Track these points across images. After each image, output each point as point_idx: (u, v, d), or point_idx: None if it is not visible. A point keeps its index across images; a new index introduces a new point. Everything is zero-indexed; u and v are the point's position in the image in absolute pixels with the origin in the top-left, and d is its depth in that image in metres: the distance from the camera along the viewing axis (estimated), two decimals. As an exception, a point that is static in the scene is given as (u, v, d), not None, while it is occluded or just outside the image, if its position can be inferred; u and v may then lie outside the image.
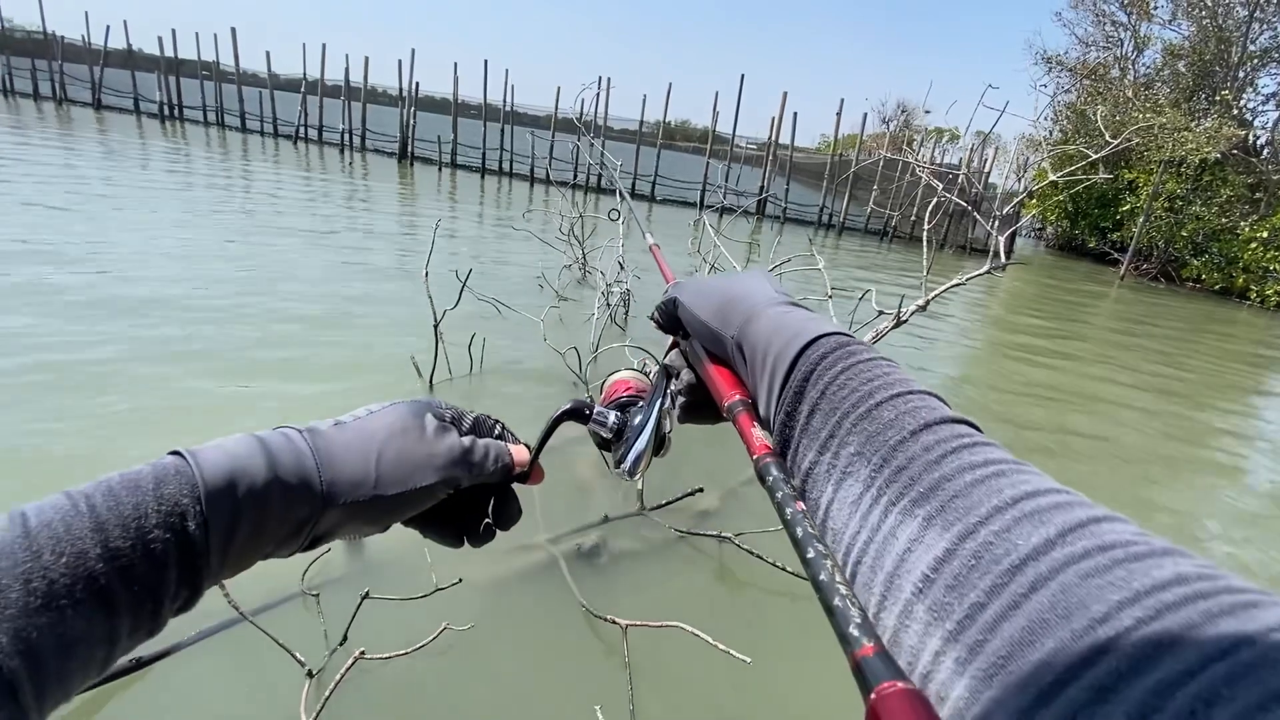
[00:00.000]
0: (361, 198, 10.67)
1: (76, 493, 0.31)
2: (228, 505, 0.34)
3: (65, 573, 0.28)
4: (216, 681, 1.64)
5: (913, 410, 0.31)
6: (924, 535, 0.26)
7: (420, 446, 0.42)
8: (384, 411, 0.43)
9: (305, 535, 0.38)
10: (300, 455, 0.37)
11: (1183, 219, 18.42)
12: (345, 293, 4.89)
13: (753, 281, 0.44)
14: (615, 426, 0.50)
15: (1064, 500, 0.25)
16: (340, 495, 0.38)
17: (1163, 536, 0.23)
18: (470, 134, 19.20)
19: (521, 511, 0.49)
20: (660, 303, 0.49)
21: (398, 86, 19.23)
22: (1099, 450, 4.19)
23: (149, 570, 0.31)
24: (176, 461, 0.34)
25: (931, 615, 0.24)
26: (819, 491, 0.32)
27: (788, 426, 0.35)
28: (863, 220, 19.77)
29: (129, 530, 0.30)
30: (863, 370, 0.34)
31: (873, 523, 0.28)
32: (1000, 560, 0.23)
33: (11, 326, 3.39)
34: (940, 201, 3.47)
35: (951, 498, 0.26)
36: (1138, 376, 6.49)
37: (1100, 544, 0.22)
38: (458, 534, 0.47)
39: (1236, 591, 0.19)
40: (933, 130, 22.95)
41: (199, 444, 0.36)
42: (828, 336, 0.36)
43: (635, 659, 1.79)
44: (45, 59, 22.27)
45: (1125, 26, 23.74)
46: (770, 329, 0.38)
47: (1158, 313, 12.34)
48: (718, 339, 0.42)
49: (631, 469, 0.47)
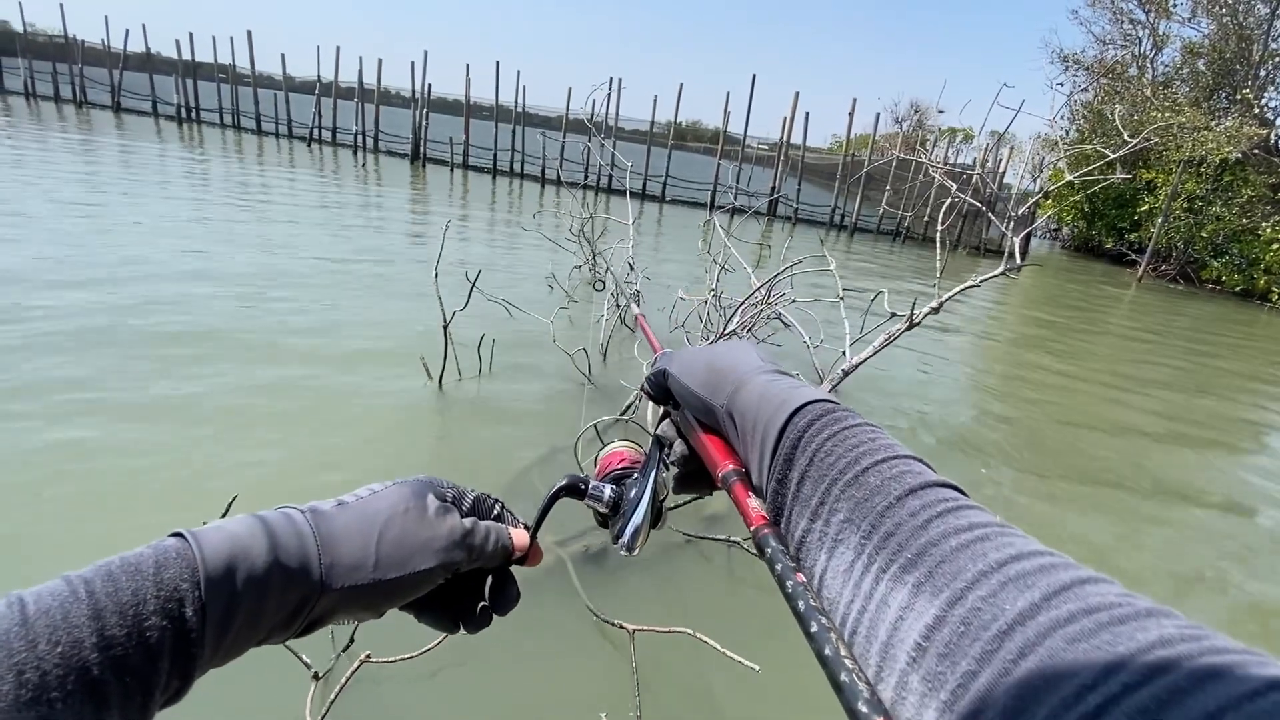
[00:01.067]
0: (375, 196, 10.75)
1: (76, 578, 0.30)
2: (227, 589, 0.33)
3: (59, 663, 0.27)
4: (222, 683, 1.64)
5: (898, 476, 0.31)
6: (914, 602, 0.26)
7: (421, 529, 0.41)
8: (386, 492, 0.43)
9: (301, 620, 0.37)
10: (302, 537, 0.37)
11: (1202, 220, 18.10)
12: (355, 294, 4.92)
13: (739, 351, 0.46)
14: (612, 500, 0.50)
15: (1049, 563, 0.25)
16: (339, 579, 0.38)
17: (1146, 598, 0.23)
18: (482, 135, 19.29)
19: (520, 595, 0.48)
20: (650, 374, 0.50)
21: (410, 88, 19.37)
22: (1121, 450, 4.12)
23: (143, 661, 0.30)
24: (178, 544, 0.34)
25: (926, 686, 0.24)
26: (813, 560, 0.33)
27: (779, 494, 0.36)
28: (875, 221, 19.63)
29: (126, 618, 0.30)
30: (848, 436, 0.34)
31: (865, 590, 0.29)
32: (988, 626, 0.23)
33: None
34: (954, 202, 3.42)
35: (939, 563, 0.27)
36: (1158, 373, 6.39)
37: (1085, 607, 0.22)
38: (454, 619, 0.46)
39: (1221, 652, 0.19)
40: (946, 130, 22.75)
41: (201, 525, 0.36)
42: (814, 404, 0.37)
43: (642, 664, 1.78)
44: (66, 62, 22.66)
45: (1143, 24, 23.41)
46: (758, 397, 0.39)
47: (1179, 313, 12.15)
48: (709, 409, 0.43)
49: (630, 544, 0.48)
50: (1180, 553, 3.09)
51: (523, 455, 2.86)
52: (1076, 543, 2.97)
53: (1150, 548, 3.10)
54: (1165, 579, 2.85)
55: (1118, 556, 2.95)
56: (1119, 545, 3.06)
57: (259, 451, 2.66)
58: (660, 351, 0.57)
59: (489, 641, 1.82)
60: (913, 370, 5.19)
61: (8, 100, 21.25)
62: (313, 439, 2.81)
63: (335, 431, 2.89)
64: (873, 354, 3.12)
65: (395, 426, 3.03)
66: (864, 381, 4.43)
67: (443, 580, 0.43)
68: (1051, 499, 3.36)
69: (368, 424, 3.00)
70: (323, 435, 2.85)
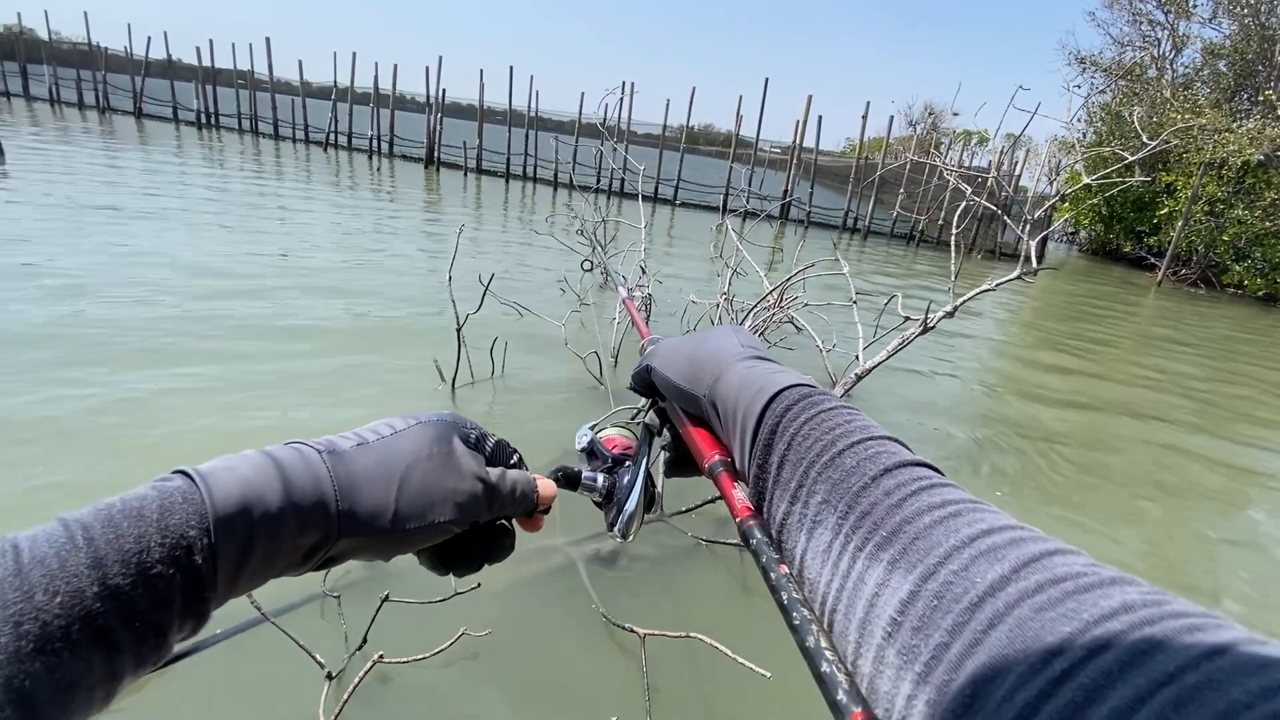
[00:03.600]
0: (389, 198, 10.85)
1: (74, 522, 0.29)
2: (238, 537, 0.32)
3: (60, 614, 0.26)
4: (236, 681, 1.66)
5: (873, 456, 0.32)
6: (889, 579, 0.27)
7: (444, 477, 0.39)
8: (409, 431, 0.41)
9: (313, 562, 0.36)
10: (318, 481, 0.35)
11: (1224, 223, 17.80)
12: (368, 296, 4.96)
13: (720, 338, 0.45)
14: (605, 489, 0.51)
15: (1018, 536, 0.26)
16: (354, 527, 0.36)
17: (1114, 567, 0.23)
18: (495, 139, 19.41)
19: (514, 547, 0.47)
20: (635, 370, 0.51)
21: (425, 93, 19.55)
22: (1134, 456, 4.05)
23: (151, 606, 0.29)
24: (184, 486, 0.32)
25: (901, 659, 0.25)
26: (793, 542, 0.33)
27: (760, 479, 0.36)
28: (888, 224, 19.51)
29: (129, 566, 0.28)
30: (825, 419, 0.35)
31: (843, 569, 0.29)
32: (960, 599, 0.24)
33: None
34: (969, 205, 3.39)
35: (913, 540, 0.27)
36: (1171, 380, 6.29)
37: (1052, 577, 0.23)
38: (446, 561, 0.44)
39: (1181, 616, 0.20)
40: (961, 133, 22.56)
41: (208, 462, 0.34)
42: (792, 388, 0.37)
43: (653, 668, 1.77)
44: (90, 69, 23.12)
45: (1163, 25, 23.11)
46: (738, 384, 0.40)
47: (1199, 319, 11.95)
48: (692, 399, 0.44)
49: (624, 530, 0.49)
50: (1220, 566, 3.03)
51: (533, 458, 2.85)
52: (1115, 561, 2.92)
53: (1192, 559, 3.05)
54: (1219, 591, 2.79)
55: (1160, 571, 2.90)
56: (1158, 558, 3.01)
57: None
58: (648, 337, 0.58)
59: (501, 644, 1.82)
60: (923, 376, 5.14)
61: (33, 106, 21.72)
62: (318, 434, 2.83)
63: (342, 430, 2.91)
64: (887, 358, 3.09)
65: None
66: (875, 386, 4.40)
67: (459, 531, 0.41)
68: (1079, 509, 3.31)
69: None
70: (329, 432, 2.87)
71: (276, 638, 1.54)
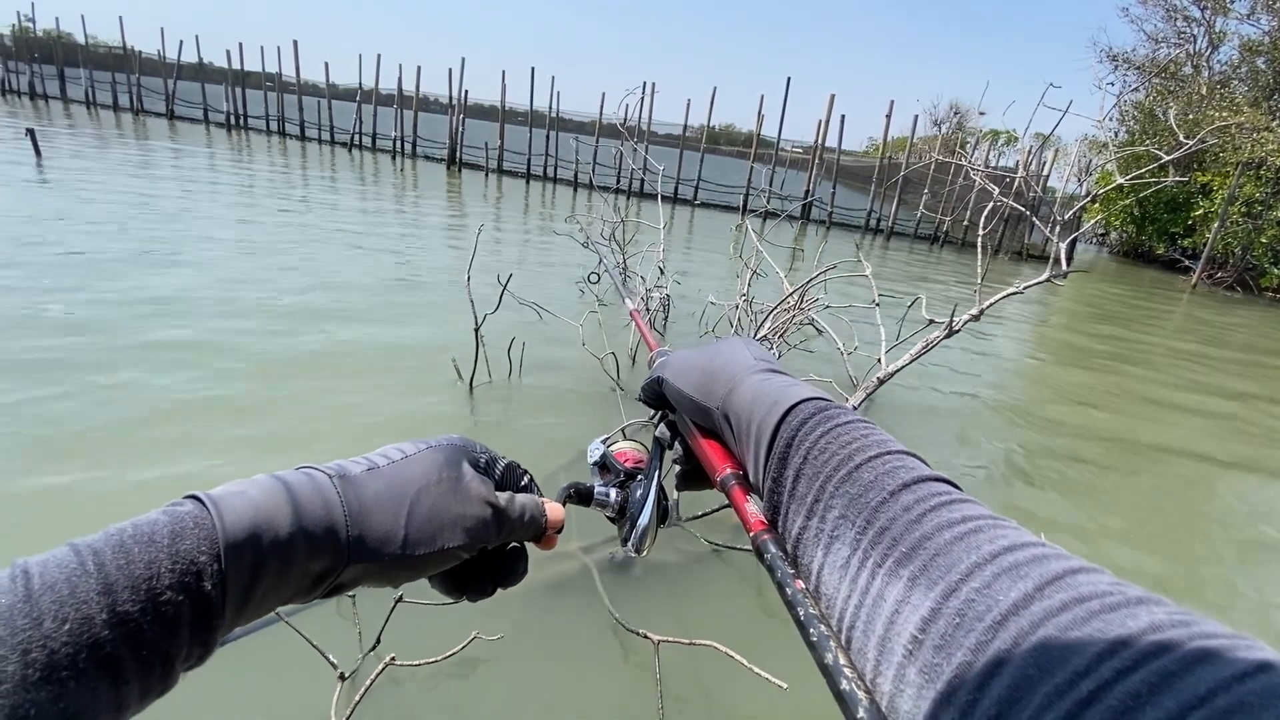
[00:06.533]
0: (411, 201, 10.96)
1: (84, 548, 0.29)
2: (248, 563, 0.31)
3: (68, 641, 0.26)
4: (250, 680, 1.66)
5: (891, 471, 0.31)
6: (910, 596, 0.26)
7: (453, 503, 0.39)
8: (419, 456, 0.41)
9: (322, 589, 0.36)
10: (329, 506, 0.35)
11: (1262, 224, 17.24)
12: (390, 295, 5.01)
13: (732, 351, 0.45)
14: (618, 504, 0.51)
15: (1041, 553, 0.25)
16: (365, 553, 0.36)
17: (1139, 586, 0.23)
18: (516, 140, 19.53)
19: (527, 570, 0.47)
20: (645, 381, 0.51)
21: (448, 94, 19.75)
22: (1160, 464, 3.93)
23: (160, 635, 0.28)
24: (195, 511, 0.32)
25: (923, 678, 0.24)
26: (810, 557, 0.33)
27: (775, 493, 0.36)
28: (912, 225, 19.23)
29: (139, 592, 0.28)
30: (842, 433, 0.34)
31: (861, 585, 0.29)
32: (983, 617, 0.24)
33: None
34: (996, 206, 3.31)
35: (933, 556, 0.27)
36: (1210, 386, 6.09)
37: (1077, 595, 0.23)
38: (458, 585, 0.44)
39: (1210, 637, 0.20)
40: (988, 132, 22.15)
41: (218, 486, 0.34)
42: (807, 402, 0.37)
43: (666, 676, 1.75)
44: (125, 72, 23.76)
45: (1199, 22, 22.49)
46: (751, 398, 0.39)
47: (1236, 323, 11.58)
48: (704, 412, 0.44)
49: (638, 545, 0.49)
50: (1249, 585, 2.92)
51: (549, 459, 2.86)
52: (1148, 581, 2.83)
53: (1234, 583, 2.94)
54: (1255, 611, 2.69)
55: (1186, 593, 2.80)
56: (1191, 582, 2.91)
57: (280, 456, 2.71)
58: (656, 349, 0.59)
59: (513, 648, 1.81)
60: (946, 382, 5.04)
61: (70, 109, 22.36)
62: (335, 442, 2.85)
63: (359, 433, 2.93)
64: (910, 361, 3.03)
65: (422, 428, 3.06)
66: (896, 392, 4.32)
67: (467, 557, 0.41)
68: (1103, 527, 3.21)
69: (395, 425, 3.03)
70: (344, 438, 2.89)
71: (290, 637, 1.54)
